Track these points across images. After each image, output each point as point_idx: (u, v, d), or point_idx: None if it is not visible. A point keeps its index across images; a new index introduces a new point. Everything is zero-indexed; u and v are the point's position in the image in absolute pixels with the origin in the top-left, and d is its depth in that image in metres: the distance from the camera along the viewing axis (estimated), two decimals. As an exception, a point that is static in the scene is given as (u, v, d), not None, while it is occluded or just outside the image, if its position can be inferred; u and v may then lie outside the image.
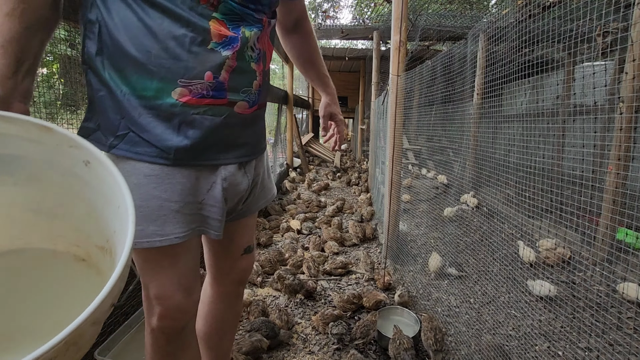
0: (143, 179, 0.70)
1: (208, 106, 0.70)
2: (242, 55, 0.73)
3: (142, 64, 0.65)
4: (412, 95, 3.17)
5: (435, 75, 2.55)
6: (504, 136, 2.14)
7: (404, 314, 1.84)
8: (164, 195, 0.72)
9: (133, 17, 0.65)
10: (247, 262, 1.03)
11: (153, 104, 0.67)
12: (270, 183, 1.01)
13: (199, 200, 0.77)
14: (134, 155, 0.69)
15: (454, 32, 5.22)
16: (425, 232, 2.97)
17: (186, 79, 0.67)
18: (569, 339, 1.66)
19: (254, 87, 0.77)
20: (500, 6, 2.63)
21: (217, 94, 0.71)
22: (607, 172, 1.99)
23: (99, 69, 0.67)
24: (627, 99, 1.75)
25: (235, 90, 0.73)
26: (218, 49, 0.69)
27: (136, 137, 0.68)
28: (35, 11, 0.58)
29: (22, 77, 0.59)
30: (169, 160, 0.70)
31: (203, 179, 0.76)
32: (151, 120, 0.68)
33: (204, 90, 0.69)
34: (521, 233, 2.49)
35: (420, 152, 4.46)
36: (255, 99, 0.79)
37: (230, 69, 0.71)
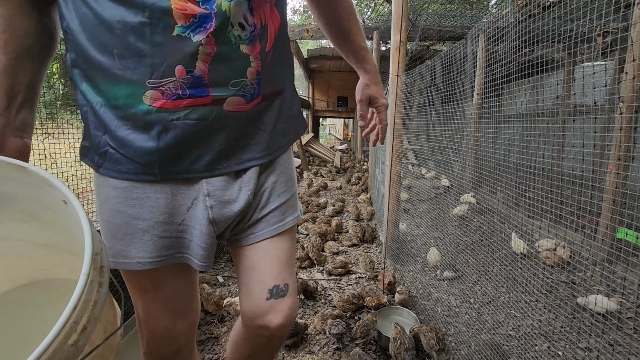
0: (111, 192, 0.62)
1: (189, 108, 0.57)
2: (224, 37, 0.56)
3: (107, 69, 0.55)
4: (412, 95, 3.17)
5: (435, 75, 2.55)
6: (504, 136, 2.14)
7: (404, 314, 1.84)
8: (131, 212, 0.62)
9: (89, 13, 0.54)
10: (278, 308, 0.71)
11: (127, 113, 0.56)
12: (293, 199, 0.78)
13: (176, 221, 0.64)
14: (116, 174, 0.61)
15: (454, 32, 5.23)
16: (425, 232, 2.97)
17: (155, 79, 0.54)
18: (569, 339, 1.66)
19: (249, 76, 0.61)
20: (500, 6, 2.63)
21: (196, 92, 0.57)
22: (607, 172, 1.99)
23: (76, 82, 0.60)
24: (627, 99, 1.75)
25: (220, 84, 0.58)
26: (186, 33, 0.53)
27: (117, 153, 0.60)
28: (19, 40, 0.55)
29: (17, 111, 0.56)
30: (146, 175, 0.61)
31: (181, 195, 0.63)
32: (129, 133, 0.57)
33: (178, 89, 0.55)
34: (521, 233, 2.49)
35: (420, 152, 4.47)
36: (255, 91, 0.63)
37: (209, 57, 0.56)
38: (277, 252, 0.73)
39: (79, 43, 0.56)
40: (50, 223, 0.57)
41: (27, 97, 0.58)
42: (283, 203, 0.74)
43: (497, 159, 1.87)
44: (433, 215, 2.96)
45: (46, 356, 0.34)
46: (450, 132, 3.02)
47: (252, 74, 0.61)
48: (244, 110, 0.63)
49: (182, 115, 0.57)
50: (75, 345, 0.38)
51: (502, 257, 2.31)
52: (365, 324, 1.63)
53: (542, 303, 1.94)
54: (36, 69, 0.59)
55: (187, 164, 0.61)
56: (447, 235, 2.61)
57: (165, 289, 0.69)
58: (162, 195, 0.62)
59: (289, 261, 0.76)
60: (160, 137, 0.58)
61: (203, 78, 0.57)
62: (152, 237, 0.63)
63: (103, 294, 0.44)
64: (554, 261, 2.27)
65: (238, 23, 0.57)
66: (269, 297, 0.70)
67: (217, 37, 0.55)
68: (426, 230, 2.98)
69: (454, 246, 2.49)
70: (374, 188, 4.46)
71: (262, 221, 0.72)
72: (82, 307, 0.38)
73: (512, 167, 1.67)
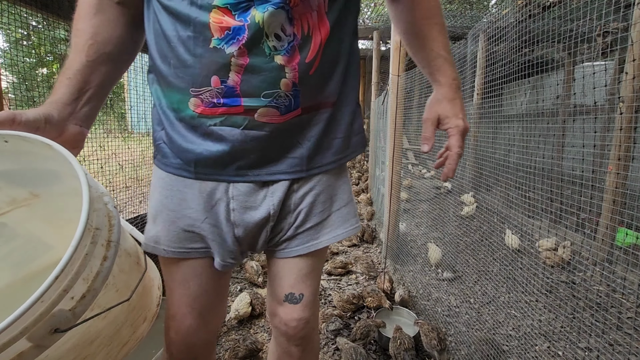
0: (157, 181, 0.71)
1: (223, 116, 0.61)
2: (257, 49, 0.57)
3: (166, 76, 0.62)
4: (412, 95, 3.17)
5: (435, 75, 2.54)
6: (504, 136, 2.14)
7: (404, 314, 1.84)
8: (165, 202, 0.69)
9: (159, 28, 0.62)
10: (288, 312, 0.77)
11: (180, 116, 0.64)
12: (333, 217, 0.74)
13: (200, 218, 0.68)
14: (162, 167, 0.70)
15: (454, 32, 5.22)
16: (425, 232, 2.97)
17: (195, 88, 0.60)
18: (569, 339, 1.66)
19: (282, 88, 0.60)
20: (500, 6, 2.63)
21: (230, 101, 0.60)
22: (607, 172, 1.99)
23: (150, 83, 0.69)
24: (627, 99, 1.75)
25: (251, 94, 0.60)
26: (221, 45, 0.57)
27: (166, 147, 0.68)
28: (101, 47, 0.64)
29: (83, 104, 0.64)
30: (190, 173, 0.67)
31: (207, 194, 0.68)
32: (178, 132, 0.65)
33: (213, 98, 0.60)
34: (521, 233, 2.49)
35: (420, 152, 4.46)
36: (291, 103, 0.62)
37: (241, 68, 0.58)
38: (301, 265, 0.77)
39: (151, 53, 0.65)
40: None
41: (96, 93, 0.66)
42: (319, 223, 0.73)
43: (497, 159, 1.87)
44: (433, 216, 2.96)
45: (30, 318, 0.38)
46: (450, 132, 3.02)
47: (287, 85, 0.60)
48: (279, 122, 0.63)
49: (217, 122, 0.61)
50: (72, 311, 0.42)
51: (502, 257, 2.31)
52: (366, 325, 1.64)
53: (542, 303, 1.94)
54: (110, 72, 0.67)
55: (219, 167, 0.65)
56: (447, 235, 2.61)
57: (192, 286, 0.72)
58: (190, 192, 0.67)
59: (310, 274, 0.78)
60: (199, 138, 0.64)
61: (235, 89, 0.59)
62: (177, 229, 0.68)
63: (106, 267, 0.47)
64: (555, 261, 2.27)
65: (274, 34, 0.57)
66: (284, 299, 0.78)
67: (250, 48, 0.57)
68: (426, 230, 2.98)
69: (454, 246, 2.50)
70: (374, 188, 4.46)
71: (296, 238, 0.73)
72: (73, 277, 0.42)
73: (512, 167, 1.67)
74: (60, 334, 0.41)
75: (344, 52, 0.68)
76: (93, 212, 0.46)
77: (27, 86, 1.53)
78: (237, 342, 1.55)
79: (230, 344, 1.63)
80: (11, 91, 1.62)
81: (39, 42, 1.70)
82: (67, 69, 0.63)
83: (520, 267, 2.15)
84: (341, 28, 0.66)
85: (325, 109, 0.68)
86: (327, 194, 0.73)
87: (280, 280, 0.78)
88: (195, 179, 0.67)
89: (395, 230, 2.57)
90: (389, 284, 2.08)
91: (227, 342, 1.67)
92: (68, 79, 0.62)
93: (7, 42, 1.68)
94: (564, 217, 1.28)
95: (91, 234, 0.46)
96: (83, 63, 0.63)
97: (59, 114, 0.60)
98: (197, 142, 0.64)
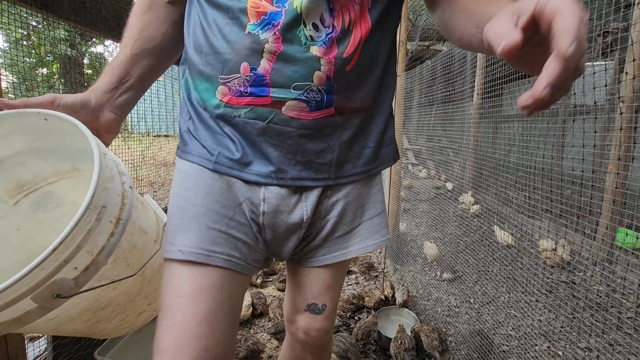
0: (177, 175, 0.65)
1: (248, 107, 0.57)
2: (292, 36, 0.54)
3: (196, 65, 0.61)
4: (412, 95, 3.17)
5: (435, 75, 2.55)
6: (504, 136, 2.14)
7: (404, 314, 1.84)
8: (184, 195, 0.61)
9: (197, 17, 0.62)
10: (309, 322, 0.75)
11: (207, 105, 0.61)
12: (363, 227, 0.70)
13: (228, 214, 0.61)
14: (182, 154, 0.65)
15: (454, 32, 5.22)
16: (425, 232, 2.96)
17: (225, 75, 0.57)
18: (569, 339, 1.66)
19: (315, 81, 0.56)
20: (500, 6, 2.63)
21: (257, 91, 0.56)
22: (607, 172, 1.99)
23: (181, 74, 0.68)
24: (627, 99, 1.75)
25: (281, 84, 0.56)
26: (255, 31, 0.54)
27: (190, 136, 0.64)
28: (146, 42, 0.67)
29: (121, 93, 0.66)
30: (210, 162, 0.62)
31: (236, 188, 0.62)
32: (204, 121, 0.62)
33: (241, 86, 0.57)
34: (521, 233, 2.49)
35: (420, 152, 4.47)
36: (323, 99, 0.58)
37: (273, 56, 0.55)
38: (326, 276, 0.74)
39: (185, 46, 0.65)
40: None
41: (134, 84, 0.67)
42: (348, 232, 0.70)
43: (497, 159, 1.87)
44: (433, 216, 2.96)
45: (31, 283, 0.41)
46: (450, 132, 3.02)
47: (321, 78, 0.56)
48: (307, 119, 0.58)
49: (242, 113, 0.58)
50: (75, 280, 0.46)
51: (502, 257, 2.31)
52: (366, 325, 1.64)
53: (542, 303, 1.94)
54: (151, 66, 0.68)
55: (243, 162, 0.61)
56: (447, 235, 2.61)
57: (205, 301, 0.57)
58: (218, 184, 0.61)
59: (334, 285, 0.76)
60: (224, 130, 0.60)
61: (264, 77, 0.56)
62: (200, 225, 0.59)
63: (112, 243, 0.50)
64: (555, 261, 2.27)
65: (312, 23, 0.54)
66: (305, 309, 0.76)
67: (285, 35, 0.54)
68: (426, 230, 2.98)
69: (454, 246, 2.49)
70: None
71: (324, 247, 0.69)
72: (74, 250, 0.44)
73: (512, 167, 1.67)
74: (63, 299, 0.45)
75: (383, 55, 0.64)
76: (103, 190, 0.48)
77: (27, 86, 1.53)
78: (238, 342, 1.55)
79: (230, 344, 1.63)
80: (11, 91, 1.62)
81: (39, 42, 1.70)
82: (113, 60, 0.66)
83: (520, 267, 2.15)
84: (382, 29, 0.62)
85: (358, 113, 0.63)
86: (359, 202, 0.70)
87: (303, 290, 0.75)
88: (220, 173, 0.61)
89: (395, 230, 2.57)
90: (391, 289, 2.09)
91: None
92: (112, 69, 0.65)
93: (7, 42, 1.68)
94: (564, 217, 1.28)
95: (97, 211, 0.47)
96: (127, 56, 0.65)
97: (97, 100, 0.62)
98: (217, 132, 0.61)
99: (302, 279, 0.75)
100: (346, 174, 0.66)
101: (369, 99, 0.64)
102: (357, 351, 1.48)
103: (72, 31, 1.36)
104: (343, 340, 1.48)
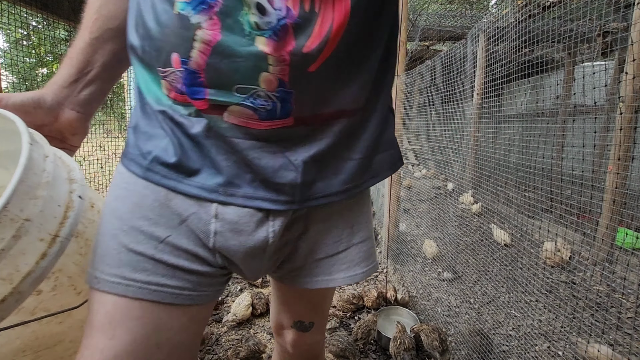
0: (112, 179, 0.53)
1: (192, 107, 0.45)
2: (232, 22, 0.40)
3: (136, 49, 0.49)
4: (412, 95, 3.17)
5: (435, 75, 2.55)
6: (504, 136, 2.14)
7: (404, 314, 1.84)
8: (112, 204, 0.49)
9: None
10: (296, 338, 0.70)
11: (151, 98, 0.49)
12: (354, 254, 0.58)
13: (159, 235, 0.47)
14: (122, 158, 0.53)
15: (454, 32, 5.23)
16: (425, 232, 2.96)
17: (161, 67, 0.45)
18: (568, 339, 1.66)
19: (263, 85, 0.42)
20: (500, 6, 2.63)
21: (191, 92, 0.44)
22: (607, 172, 1.99)
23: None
24: (627, 99, 1.75)
25: (220, 85, 0.42)
26: (186, 11, 0.41)
27: (131, 134, 0.52)
28: (105, 21, 0.55)
29: (83, 87, 0.55)
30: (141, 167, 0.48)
31: (176, 203, 0.48)
32: (150, 116, 0.50)
33: (177, 82, 0.44)
34: (521, 233, 2.49)
35: (420, 152, 4.47)
36: (276, 109, 0.43)
37: (208, 47, 0.41)
38: (312, 295, 0.66)
39: (127, 27, 0.53)
40: None
41: (98, 75, 0.56)
42: (334, 255, 0.57)
43: (497, 159, 1.87)
44: (433, 216, 2.96)
45: None
46: (450, 132, 3.03)
47: (270, 83, 0.42)
48: (258, 129, 0.44)
49: (190, 111, 0.46)
50: None
51: (502, 257, 2.31)
52: (366, 325, 1.64)
53: (542, 303, 1.94)
54: (116, 52, 0.57)
55: (184, 169, 0.47)
56: (447, 235, 2.61)
57: (116, 338, 0.44)
58: (152, 195, 0.47)
59: (323, 302, 0.69)
60: (164, 127, 0.48)
61: (198, 74, 0.42)
62: (119, 246, 0.46)
63: (42, 267, 0.40)
64: (555, 261, 2.27)
65: (255, 3, 0.39)
66: (292, 326, 0.70)
67: (225, 20, 0.40)
68: (426, 230, 2.98)
69: (454, 246, 2.50)
70: (373, 188, 4.46)
71: (305, 268, 0.58)
72: None
73: (512, 167, 1.67)
74: None
75: (378, 42, 0.49)
76: (29, 200, 0.39)
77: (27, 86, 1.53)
78: (239, 342, 1.54)
79: (230, 344, 1.63)
80: (11, 91, 1.62)
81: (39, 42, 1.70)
82: (71, 48, 0.55)
83: (520, 267, 2.15)
84: (373, 9, 0.46)
85: (338, 120, 0.48)
86: (347, 221, 0.57)
87: (288, 307, 0.68)
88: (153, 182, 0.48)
89: (395, 230, 2.57)
90: (393, 292, 2.09)
91: (228, 342, 1.67)
92: (70, 59, 0.54)
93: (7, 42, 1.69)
94: (564, 217, 1.28)
95: (15, 226, 0.37)
96: (86, 41, 0.54)
97: (54, 97, 0.53)
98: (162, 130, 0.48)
99: (287, 297, 0.67)
100: (318, 195, 0.50)
101: (356, 101, 0.49)
102: (355, 350, 1.48)
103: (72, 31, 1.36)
104: (340, 340, 1.48)
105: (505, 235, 2.44)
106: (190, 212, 0.48)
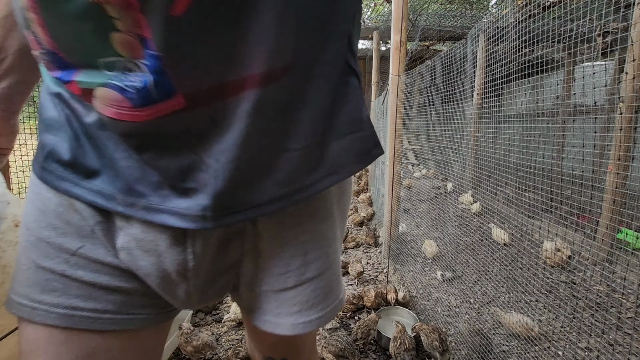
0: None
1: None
2: None
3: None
4: (412, 95, 3.17)
5: (435, 75, 2.55)
6: (504, 136, 2.15)
7: (404, 314, 1.84)
8: (26, 210, 0.41)
9: None
10: None
11: (49, 78, 0.38)
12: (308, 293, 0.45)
13: (69, 247, 0.38)
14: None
15: (454, 32, 5.23)
16: (425, 232, 2.97)
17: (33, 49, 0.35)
18: (568, 339, 1.66)
19: (122, 49, 0.29)
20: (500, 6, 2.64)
21: (63, 75, 0.33)
22: (607, 172, 1.99)
23: None
24: (627, 99, 1.75)
25: (83, 63, 0.32)
26: None
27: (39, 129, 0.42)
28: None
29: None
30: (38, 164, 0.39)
31: (82, 209, 0.38)
32: (49, 101, 0.39)
33: (49, 65, 0.35)
34: (521, 233, 2.49)
35: (420, 152, 4.47)
36: (145, 84, 0.30)
37: (35, 14, 0.30)
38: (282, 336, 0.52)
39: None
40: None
41: (16, 63, 0.45)
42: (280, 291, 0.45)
43: (497, 159, 1.87)
44: (433, 216, 2.96)
45: None
46: (450, 132, 3.03)
47: (131, 46, 0.29)
48: (136, 122, 0.32)
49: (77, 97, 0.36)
50: None
51: (502, 257, 2.31)
52: (366, 324, 1.64)
53: (542, 303, 1.94)
54: None
55: (82, 169, 0.37)
56: (447, 235, 2.61)
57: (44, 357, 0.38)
58: (55, 198, 0.39)
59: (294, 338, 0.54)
60: (61, 117, 0.38)
61: (55, 52, 0.31)
62: (29, 262, 0.39)
63: None
64: (555, 261, 2.27)
65: None
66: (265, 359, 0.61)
67: None
68: (426, 230, 2.98)
69: (454, 246, 2.50)
70: (373, 188, 4.46)
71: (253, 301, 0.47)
72: None
73: (512, 167, 1.68)
74: None
75: None
76: None
77: (27, 86, 1.53)
78: (239, 341, 1.55)
79: (230, 344, 1.63)
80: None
81: (39, 42, 1.70)
82: None
83: (520, 267, 2.15)
84: None
85: (253, 89, 0.32)
86: (298, 243, 0.44)
87: (256, 341, 0.59)
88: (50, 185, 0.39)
89: (395, 231, 2.57)
90: (394, 294, 2.09)
91: (227, 342, 1.67)
92: None
93: (7, 42, 1.68)
94: (564, 217, 1.28)
95: None
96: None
97: None
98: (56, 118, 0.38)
99: (252, 328, 0.53)
100: (243, 207, 0.37)
101: (278, 56, 0.32)
102: (354, 349, 1.48)
103: None
104: (340, 340, 1.48)
105: (504, 234, 2.45)
106: (96, 219, 0.38)
